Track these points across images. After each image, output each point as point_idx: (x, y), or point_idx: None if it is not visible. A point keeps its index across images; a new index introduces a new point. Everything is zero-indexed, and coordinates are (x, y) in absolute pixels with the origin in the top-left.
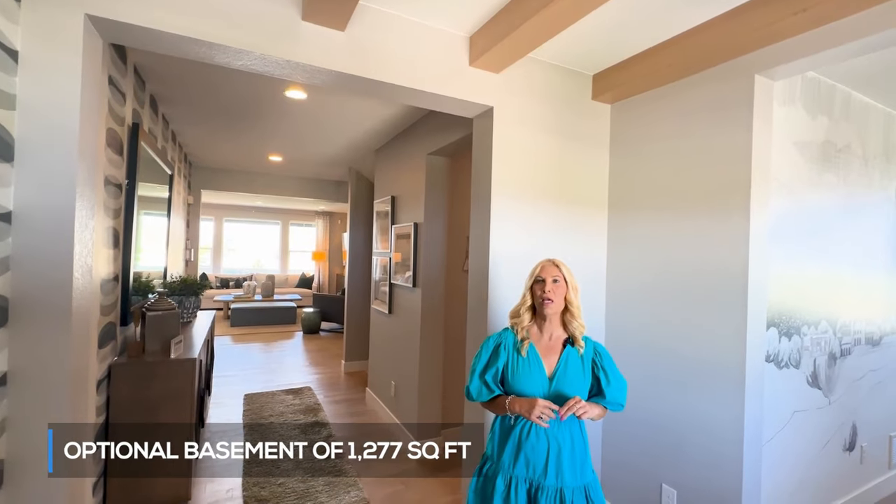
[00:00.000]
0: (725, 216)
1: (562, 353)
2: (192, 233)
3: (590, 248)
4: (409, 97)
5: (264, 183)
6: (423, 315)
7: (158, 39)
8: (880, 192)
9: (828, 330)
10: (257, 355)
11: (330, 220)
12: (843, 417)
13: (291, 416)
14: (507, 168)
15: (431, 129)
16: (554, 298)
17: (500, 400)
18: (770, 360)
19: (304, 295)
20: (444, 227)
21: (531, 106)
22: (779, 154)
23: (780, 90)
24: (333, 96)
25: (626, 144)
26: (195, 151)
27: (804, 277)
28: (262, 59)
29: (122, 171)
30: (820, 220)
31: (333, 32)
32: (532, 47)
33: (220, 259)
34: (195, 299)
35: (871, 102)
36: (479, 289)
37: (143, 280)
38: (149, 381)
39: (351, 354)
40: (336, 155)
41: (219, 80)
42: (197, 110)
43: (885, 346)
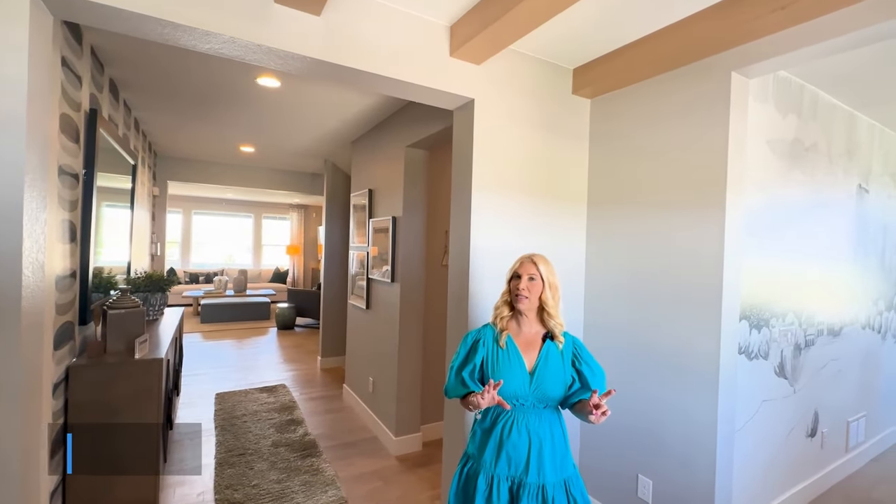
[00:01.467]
0: (702, 211)
1: (541, 348)
2: (158, 226)
3: (569, 241)
4: (387, 87)
5: (235, 174)
6: (402, 310)
7: (115, 17)
8: (843, 189)
9: (794, 322)
10: (229, 353)
11: (305, 213)
12: (807, 405)
13: (265, 414)
14: (487, 161)
15: (410, 121)
16: (528, 296)
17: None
18: (741, 352)
19: (278, 290)
20: (423, 222)
21: (512, 99)
22: (752, 151)
23: (754, 88)
24: (308, 85)
25: (606, 139)
26: (160, 140)
27: (774, 271)
28: (230, 42)
29: (78, 161)
30: (789, 215)
31: (308, 17)
32: (514, 39)
33: (188, 253)
34: (162, 296)
35: (837, 103)
36: (460, 283)
37: (104, 276)
38: (111, 383)
39: (327, 350)
40: (311, 146)
41: (185, 64)
42: (161, 97)
43: (845, 336)
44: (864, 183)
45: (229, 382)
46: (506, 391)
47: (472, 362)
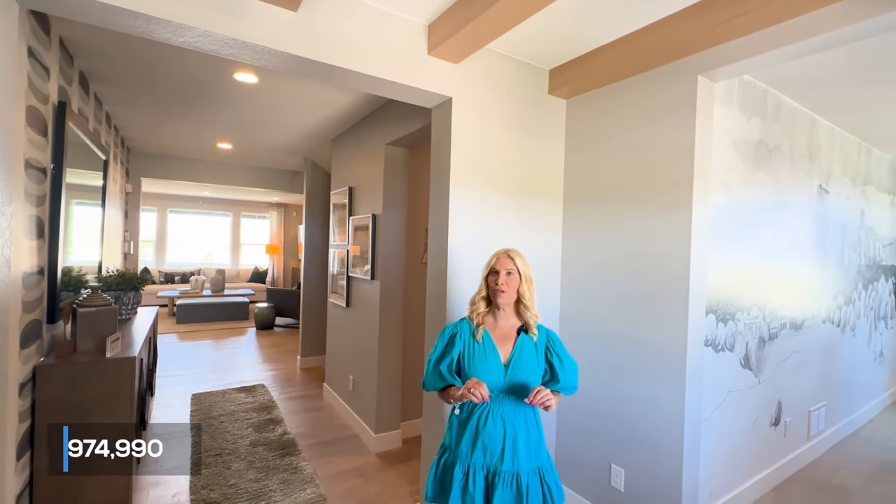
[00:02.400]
0: (670, 209)
1: (516, 340)
2: (131, 224)
3: (546, 238)
4: (365, 84)
5: (213, 172)
6: (382, 307)
7: (86, 8)
8: (805, 190)
9: (758, 316)
10: (206, 353)
11: (285, 211)
12: (771, 395)
13: (243, 414)
14: (465, 159)
15: (390, 119)
16: (507, 290)
17: (450, 390)
18: (708, 345)
19: (257, 290)
20: (403, 219)
21: (490, 98)
22: (718, 152)
23: (720, 91)
24: (287, 81)
25: (580, 139)
26: (134, 136)
27: (739, 268)
28: (205, 35)
29: (46, 155)
30: (753, 214)
31: (285, 12)
32: (491, 38)
33: (164, 253)
34: (135, 294)
35: (799, 107)
36: (438, 279)
37: (73, 274)
38: (81, 383)
39: (307, 350)
40: (290, 144)
41: (159, 57)
42: (134, 91)
43: (806, 329)
44: (824, 184)
45: (206, 383)
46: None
47: (449, 356)
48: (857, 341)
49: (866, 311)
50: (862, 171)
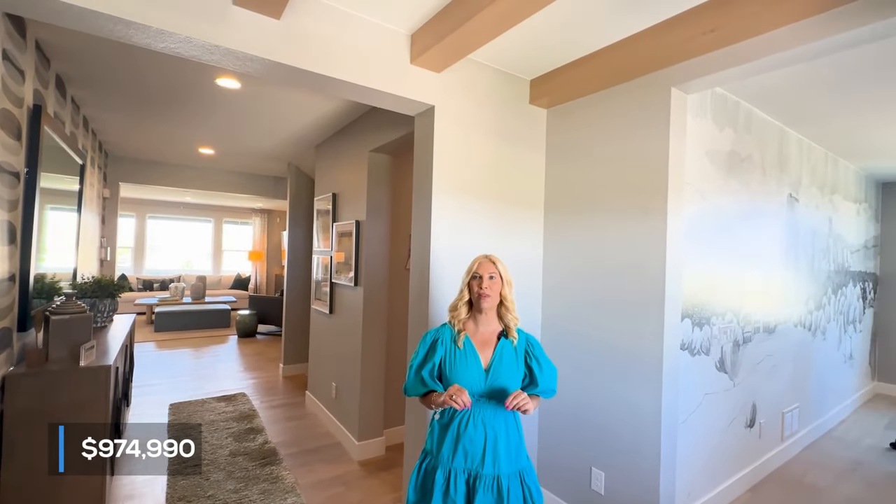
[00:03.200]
0: (646, 217)
1: (496, 345)
2: (108, 230)
3: (527, 245)
4: (348, 91)
5: (194, 177)
6: (366, 314)
7: (64, 12)
8: (776, 198)
9: (733, 320)
10: (185, 362)
11: (268, 217)
12: (746, 398)
13: (223, 423)
14: (448, 166)
15: (374, 126)
16: (491, 293)
17: (433, 395)
18: (684, 349)
19: (239, 297)
20: (386, 226)
21: (472, 107)
22: (692, 161)
23: (694, 103)
24: (270, 87)
25: (561, 147)
26: (112, 140)
27: (714, 273)
28: (186, 42)
29: (20, 159)
30: (727, 221)
31: (267, 20)
32: (473, 48)
33: (142, 259)
34: (111, 302)
35: (769, 119)
36: (421, 285)
37: (47, 281)
38: (53, 392)
39: (290, 357)
40: (274, 149)
41: (139, 61)
42: (113, 95)
43: (779, 333)
44: (794, 193)
45: (185, 392)
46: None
47: (430, 361)
48: (828, 345)
49: (836, 316)
50: (829, 181)
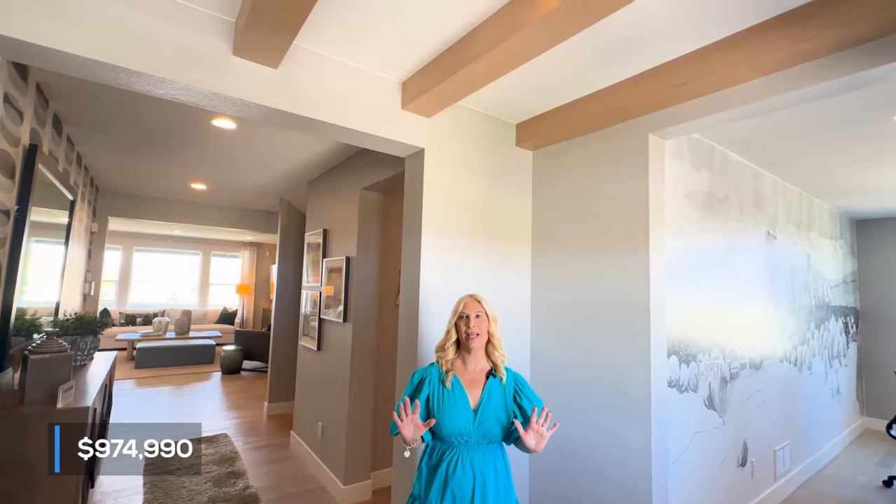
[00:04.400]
0: (630, 255)
1: (485, 384)
2: (93, 264)
3: (516, 282)
4: (342, 135)
5: (185, 211)
6: (354, 351)
7: (69, 62)
8: (754, 236)
9: (719, 356)
10: (166, 400)
11: (258, 250)
12: (736, 435)
13: (203, 467)
14: (437, 206)
15: (366, 165)
16: (479, 332)
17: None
18: (672, 386)
19: (224, 331)
20: (376, 262)
21: (460, 149)
22: (672, 202)
23: (671, 147)
24: (265, 128)
25: (546, 187)
26: (104, 175)
27: (698, 310)
28: (186, 89)
29: (11, 196)
30: (708, 259)
31: (265, 69)
32: (461, 96)
33: (126, 293)
34: (93, 339)
35: (743, 161)
36: (410, 322)
37: (27, 318)
38: (25, 437)
39: (275, 395)
40: (267, 185)
41: (136, 103)
42: (109, 133)
43: (765, 369)
44: (772, 230)
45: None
46: (451, 429)
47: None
48: (815, 379)
49: (820, 350)
50: (805, 219)
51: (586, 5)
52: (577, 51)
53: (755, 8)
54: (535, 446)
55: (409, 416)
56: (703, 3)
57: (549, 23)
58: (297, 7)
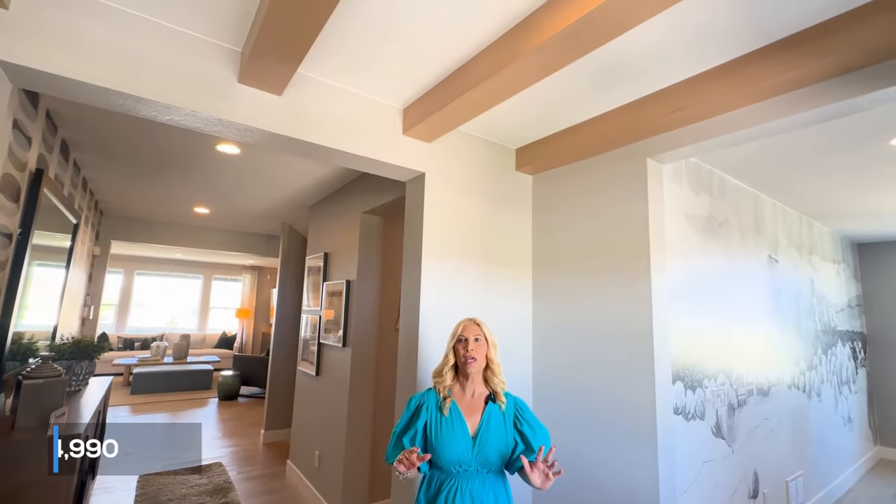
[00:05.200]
0: (631, 278)
1: (484, 411)
2: (94, 287)
3: (517, 307)
4: (343, 160)
5: (187, 235)
6: (353, 376)
7: (77, 89)
8: (755, 259)
9: (725, 382)
10: (160, 428)
11: (259, 274)
12: (746, 465)
13: (195, 498)
14: (438, 230)
15: (367, 189)
16: (477, 356)
17: None
18: (678, 413)
19: (223, 356)
20: (376, 286)
21: (460, 173)
22: (672, 225)
23: (670, 171)
24: (269, 153)
25: (546, 211)
26: (109, 199)
27: (701, 334)
28: (192, 115)
29: (15, 220)
30: (710, 282)
31: (270, 96)
32: (459, 123)
33: (125, 317)
34: (89, 364)
35: (742, 185)
36: (409, 346)
37: (23, 342)
38: (14, 466)
39: (272, 423)
40: (269, 209)
41: (142, 129)
42: (114, 158)
43: (773, 395)
44: (773, 254)
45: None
46: (449, 457)
47: (413, 427)
48: (825, 406)
49: (829, 376)
50: (806, 242)
51: (579, 37)
52: (575, 78)
53: (747, 38)
54: (541, 485)
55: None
56: (696, 33)
57: (545, 52)
58: (301, 38)
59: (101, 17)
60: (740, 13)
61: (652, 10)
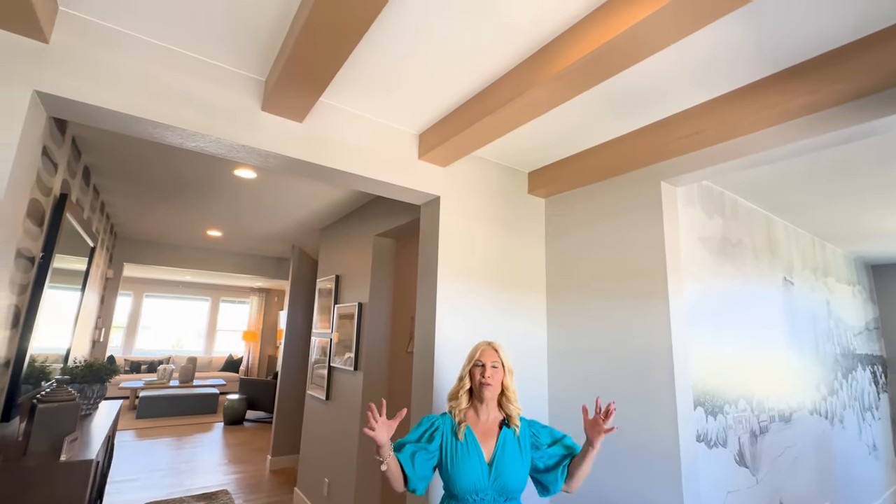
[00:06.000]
0: (648, 302)
1: (499, 435)
2: (105, 310)
3: (531, 330)
4: (360, 184)
5: (198, 258)
6: (365, 401)
7: (109, 117)
8: (770, 281)
9: (746, 408)
10: (165, 453)
11: (266, 296)
12: (771, 496)
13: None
14: (452, 253)
15: (380, 212)
16: (493, 383)
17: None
18: (700, 440)
19: (229, 379)
20: (388, 308)
21: (474, 197)
22: (687, 247)
23: (682, 193)
24: (284, 176)
25: (560, 234)
26: (124, 222)
27: (721, 358)
28: (216, 142)
29: (38, 244)
30: (726, 304)
31: (291, 123)
32: (476, 148)
33: (133, 339)
34: (100, 387)
35: (754, 207)
36: (425, 370)
37: (37, 365)
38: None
39: (279, 448)
40: (280, 232)
41: (163, 154)
42: (134, 183)
43: (796, 422)
44: (788, 276)
45: (161, 489)
46: (465, 485)
47: (422, 447)
48: (848, 434)
49: (851, 402)
50: (821, 264)
51: (595, 66)
52: (588, 103)
53: (759, 64)
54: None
55: (378, 420)
56: (708, 60)
57: (560, 81)
58: (325, 70)
59: (133, 50)
60: (752, 41)
61: (666, 41)
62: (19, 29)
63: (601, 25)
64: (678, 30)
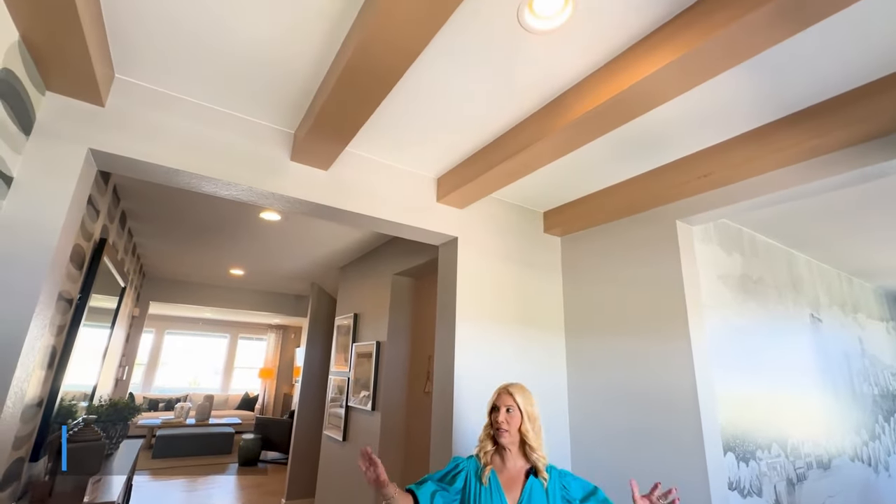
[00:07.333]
0: (670, 341)
1: (524, 484)
2: (130, 348)
3: (550, 369)
4: (381, 226)
5: (220, 296)
6: (383, 442)
7: (152, 170)
8: (797, 319)
9: (780, 454)
10: (178, 496)
11: (283, 333)
12: None
13: None
14: (470, 292)
15: (398, 252)
16: (508, 428)
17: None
18: (733, 488)
19: (244, 418)
20: (407, 347)
21: (491, 237)
22: (707, 284)
23: (699, 232)
24: (306, 219)
25: (576, 272)
26: (153, 263)
27: (749, 399)
28: (248, 190)
29: (76, 286)
30: (752, 343)
31: (317, 171)
32: (492, 191)
33: (152, 376)
34: (123, 426)
35: (773, 243)
36: (444, 411)
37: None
38: None
39: (294, 492)
40: (301, 271)
41: (194, 199)
42: (166, 226)
43: (836, 469)
44: (815, 312)
45: None
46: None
47: (443, 487)
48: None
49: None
50: (849, 300)
51: (608, 115)
52: (602, 146)
53: (769, 109)
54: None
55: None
56: (719, 105)
57: (572, 130)
58: (351, 123)
59: (178, 110)
60: (759, 88)
61: (674, 93)
62: (80, 95)
63: (610, 79)
64: (685, 82)
